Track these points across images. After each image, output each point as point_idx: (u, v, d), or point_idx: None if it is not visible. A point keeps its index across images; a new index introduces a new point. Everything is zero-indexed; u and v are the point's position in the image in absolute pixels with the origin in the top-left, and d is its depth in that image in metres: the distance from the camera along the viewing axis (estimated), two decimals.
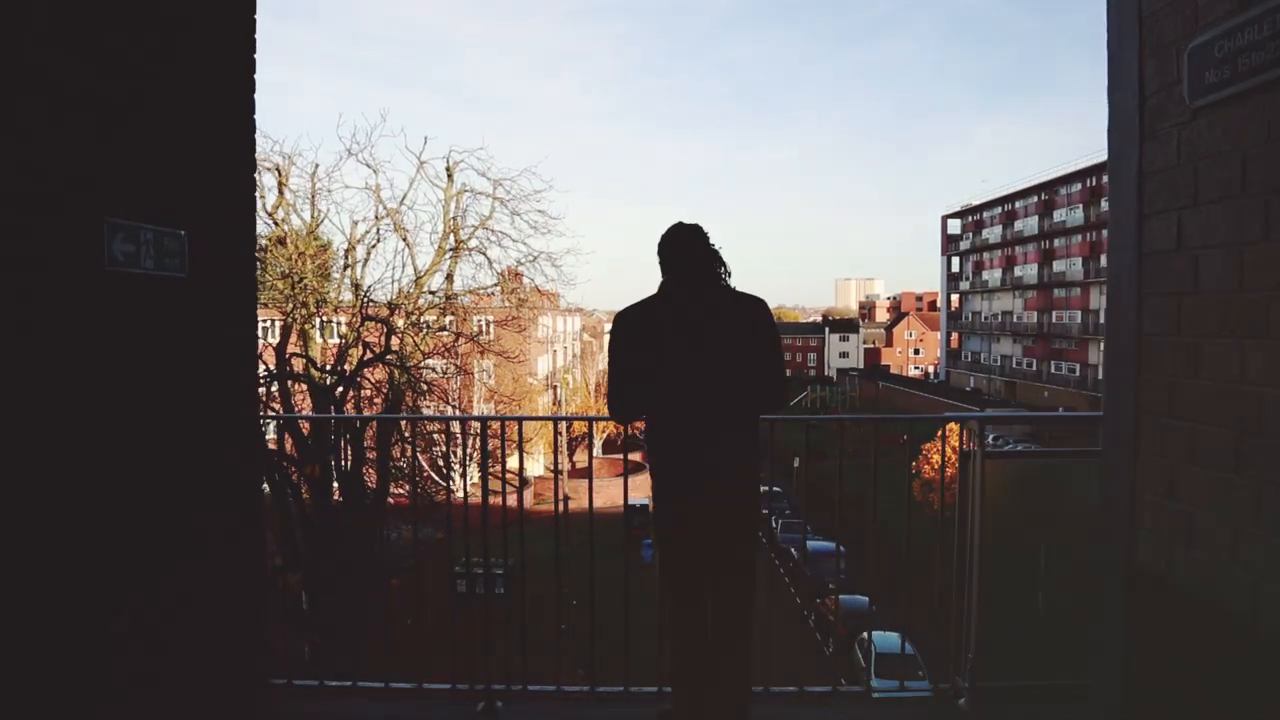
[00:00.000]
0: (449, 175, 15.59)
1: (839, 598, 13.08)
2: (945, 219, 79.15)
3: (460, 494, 4.51)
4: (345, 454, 12.91)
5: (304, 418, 14.39)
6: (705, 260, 2.92)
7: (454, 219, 15.65)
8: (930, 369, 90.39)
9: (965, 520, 3.55)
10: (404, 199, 16.27)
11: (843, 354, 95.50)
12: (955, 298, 78.46)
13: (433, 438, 13.04)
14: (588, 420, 13.76)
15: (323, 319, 15.46)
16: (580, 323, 50.70)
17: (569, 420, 26.27)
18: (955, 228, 78.35)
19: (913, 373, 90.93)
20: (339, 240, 15.70)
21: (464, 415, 9.20)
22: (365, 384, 14.66)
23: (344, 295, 15.24)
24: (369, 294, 14.71)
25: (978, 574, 3.50)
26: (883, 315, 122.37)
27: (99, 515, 2.24)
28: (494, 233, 15.79)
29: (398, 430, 13.18)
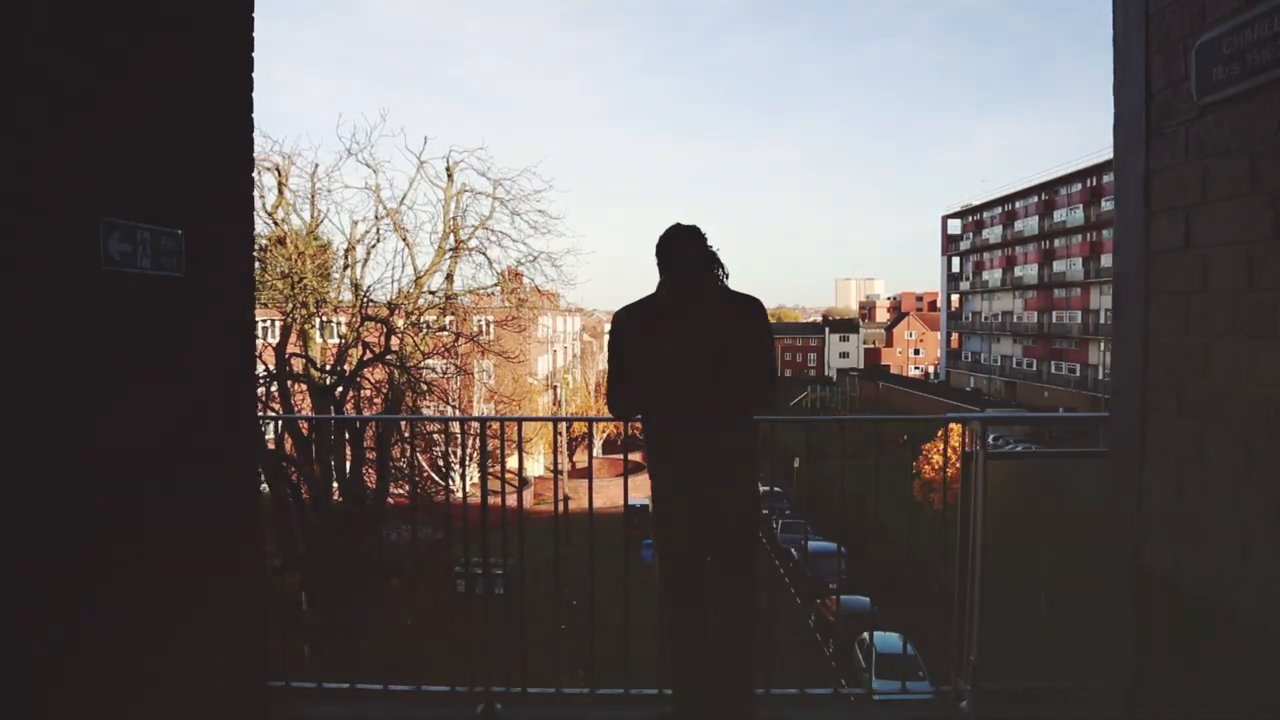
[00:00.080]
0: (449, 175, 15.57)
1: (839, 598, 13.06)
2: (945, 219, 79.17)
3: (460, 494, 4.49)
4: (345, 454, 12.89)
5: (304, 418, 14.35)
6: (703, 261, 2.92)
7: (454, 219, 15.62)
8: (930, 369, 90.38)
9: (967, 521, 3.53)
10: (404, 199, 16.16)
11: (843, 354, 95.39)
12: (955, 298, 78.44)
13: (432, 438, 13.02)
14: (588, 420, 13.75)
15: (322, 319, 15.44)
16: (580, 323, 50.66)
17: (569, 421, 26.27)
18: (955, 228, 78.35)
19: (913, 373, 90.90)
20: (339, 240, 15.69)
21: (464, 416, 9.19)
22: (365, 384, 14.64)
23: (344, 295, 15.22)
24: (369, 294, 14.68)
25: (980, 575, 3.48)
26: (883, 315, 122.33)
27: (97, 515, 2.22)
28: (494, 233, 15.78)
29: (397, 430, 13.16)
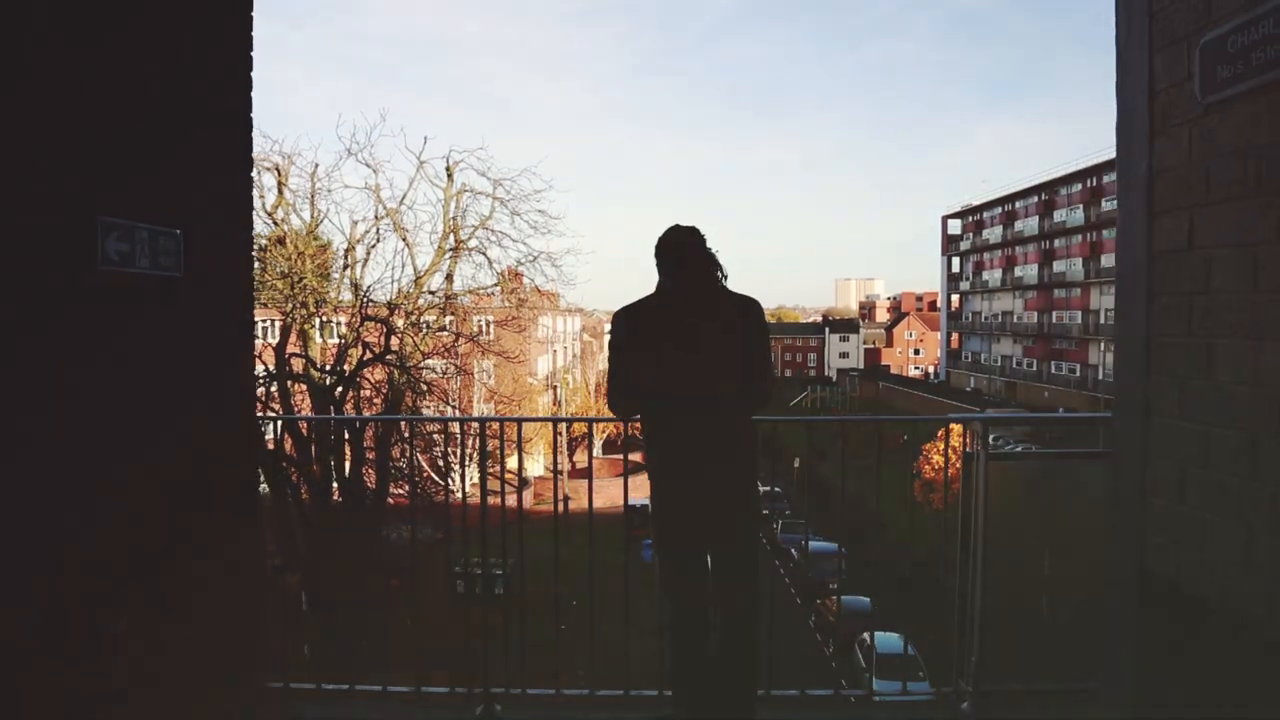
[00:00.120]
0: (449, 175, 15.58)
1: (839, 598, 13.04)
2: (945, 219, 79.14)
3: (460, 494, 4.48)
4: (345, 454, 12.87)
5: (304, 418, 14.35)
6: (702, 261, 2.92)
7: (454, 219, 15.63)
8: (930, 369, 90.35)
9: (968, 522, 3.52)
10: (404, 199, 16.18)
11: (843, 354, 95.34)
12: (955, 298, 78.40)
13: (432, 438, 13.01)
14: (588, 421, 13.75)
15: (322, 319, 15.43)
16: (580, 323, 50.62)
17: (569, 421, 26.23)
18: (955, 228, 78.31)
19: (913, 373, 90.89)
20: (339, 240, 15.69)
21: (464, 416, 9.17)
22: (365, 384, 14.63)
23: (344, 295, 15.22)
24: (369, 294, 14.68)
25: (981, 576, 3.47)
26: (883, 315, 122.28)
27: (95, 516, 2.21)
28: (494, 233, 15.79)
29: (397, 430, 13.15)
